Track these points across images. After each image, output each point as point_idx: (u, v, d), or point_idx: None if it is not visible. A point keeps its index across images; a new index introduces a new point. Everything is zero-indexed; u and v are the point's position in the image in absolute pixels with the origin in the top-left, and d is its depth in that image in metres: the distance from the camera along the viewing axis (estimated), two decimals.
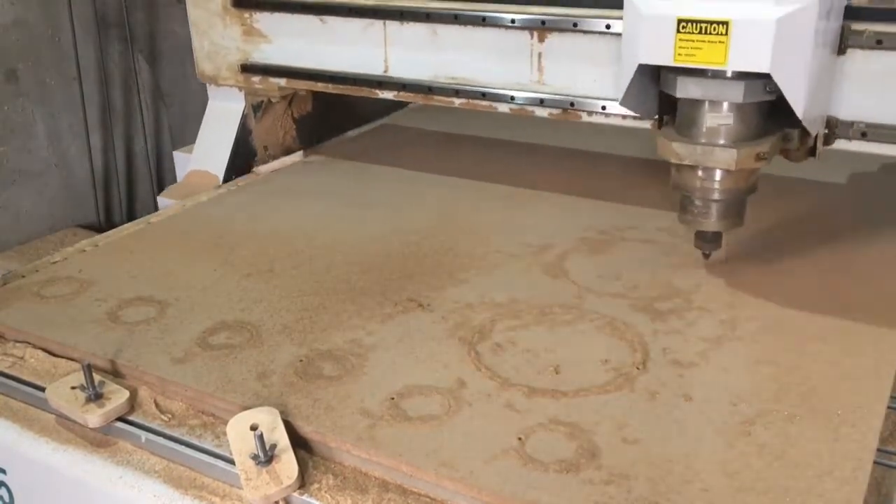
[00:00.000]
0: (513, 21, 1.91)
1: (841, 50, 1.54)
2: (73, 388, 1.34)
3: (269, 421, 1.23)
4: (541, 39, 1.89)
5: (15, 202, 2.83)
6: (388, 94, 2.15)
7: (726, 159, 1.41)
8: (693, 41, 1.30)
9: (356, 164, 2.39)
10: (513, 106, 1.98)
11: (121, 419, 1.32)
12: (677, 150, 1.44)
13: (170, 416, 1.32)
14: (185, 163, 2.48)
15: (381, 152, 2.48)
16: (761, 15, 1.26)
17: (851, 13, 1.54)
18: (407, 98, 2.15)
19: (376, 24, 2.08)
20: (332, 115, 2.64)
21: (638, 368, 1.37)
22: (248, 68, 2.32)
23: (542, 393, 1.30)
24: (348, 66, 2.17)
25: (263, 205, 2.12)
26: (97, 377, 1.34)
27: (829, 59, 1.49)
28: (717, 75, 1.38)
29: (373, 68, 2.14)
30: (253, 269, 1.75)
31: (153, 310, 1.59)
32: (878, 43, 1.53)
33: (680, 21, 1.30)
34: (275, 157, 2.47)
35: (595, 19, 1.81)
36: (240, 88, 2.38)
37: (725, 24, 1.27)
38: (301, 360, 1.41)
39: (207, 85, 2.45)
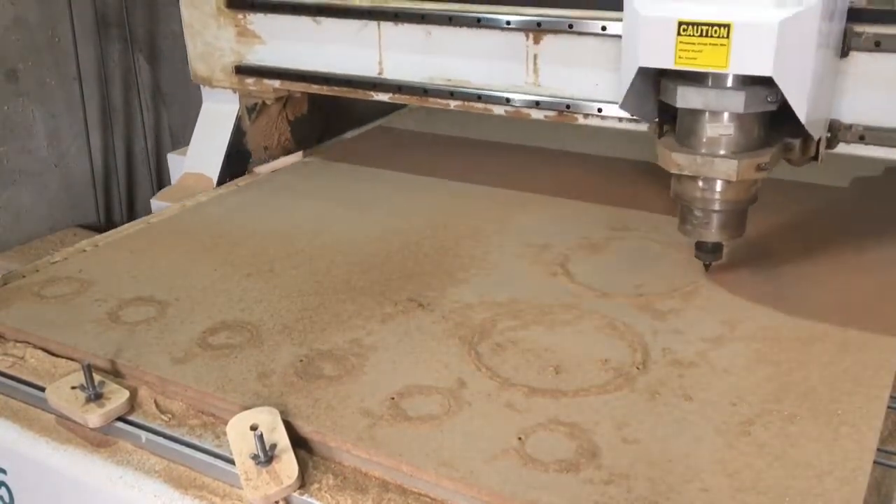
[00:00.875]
0: (508, 23, 1.91)
1: (844, 52, 1.53)
2: (73, 388, 1.34)
3: (269, 421, 1.23)
4: (536, 41, 1.88)
5: (15, 202, 2.83)
6: (382, 97, 2.13)
7: (727, 170, 1.39)
8: (694, 44, 1.28)
9: (355, 165, 2.39)
10: (508, 108, 1.97)
11: (121, 419, 1.32)
12: (677, 161, 1.43)
13: (170, 416, 1.32)
14: (179, 165, 2.46)
15: (380, 154, 2.48)
16: (763, 18, 1.24)
17: (853, 15, 1.53)
18: (402, 100, 2.15)
19: (371, 26, 2.07)
20: (328, 116, 2.63)
21: (638, 368, 1.37)
22: (242, 70, 2.31)
23: (542, 393, 1.30)
24: (343, 68, 2.16)
25: (263, 205, 2.12)
26: (97, 377, 1.34)
27: (832, 62, 1.48)
28: (718, 85, 1.37)
29: (368, 70, 2.13)
30: (253, 269, 1.75)
31: (153, 310, 1.59)
32: (877, 45, 1.52)
33: (681, 23, 1.28)
34: (269, 160, 2.46)
35: (591, 21, 1.80)
36: (234, 90, 2.36)
37: (727, 26, 1.25)
38: (301, 360, 1.41)
39: (201, 86, 2.44)
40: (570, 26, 1.82)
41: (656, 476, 1.12)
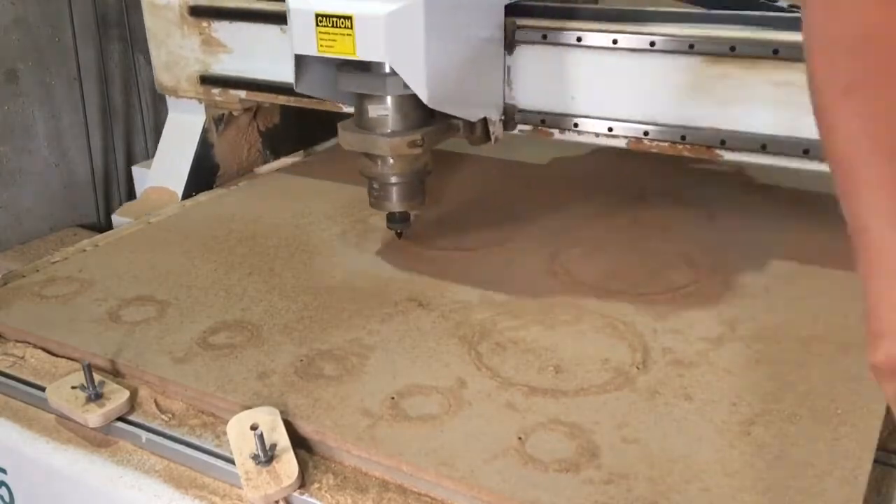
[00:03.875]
0: None
1: (508, 46, 1.71)
2: (73, 387, 1.34)
3: (270, 421, 1.23)
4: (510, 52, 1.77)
5: (15, 202, 2.82)
6: (352, 109, 2.01)
7: (382, 146, 1.58)
8: (329, 33, 1.45)
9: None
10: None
11: (121, 419, 1.32)
12: (347, 139, 1.62)
13: (170, 415, 1.33)
14: (144, 178, 2.36)
15: None
16: (375, 10, 1.41)
17: (520, 10, 1.70)
18: None
19: None
20: (303, 126, 2.53)
21: (638, 368, 1.37)
22: (207, 80, 2.21)
23: (542, 392, 1.30)
24: None
25: (263, 204, 2.12)
26: (97, 377, 1.35)
27: (484, 52, 1.67)
28: (370, 70, 1.53)
29: None
30: (253, 269, 1.75)
31: (153, 309, 1.59)
32: (544, 38, 1.69)
33: (318, 15, 1.45)
34: (240, 173, 2.38)
35: (569, 32, 1.69)
36: (200, 101, 2.26)
37: (349, 18, 1.43)
38: (301, 360, 1.41)
39: (167, 97, 2.35)
40: (544, 37, 1.71)
41: (656, 476, 1.12)
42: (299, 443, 1.22)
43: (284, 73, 1.96)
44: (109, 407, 1.31)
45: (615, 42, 1.64)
